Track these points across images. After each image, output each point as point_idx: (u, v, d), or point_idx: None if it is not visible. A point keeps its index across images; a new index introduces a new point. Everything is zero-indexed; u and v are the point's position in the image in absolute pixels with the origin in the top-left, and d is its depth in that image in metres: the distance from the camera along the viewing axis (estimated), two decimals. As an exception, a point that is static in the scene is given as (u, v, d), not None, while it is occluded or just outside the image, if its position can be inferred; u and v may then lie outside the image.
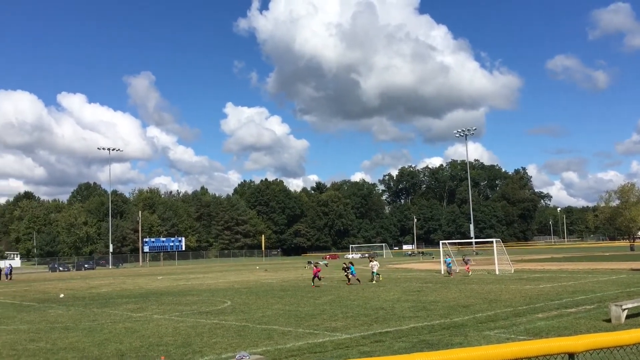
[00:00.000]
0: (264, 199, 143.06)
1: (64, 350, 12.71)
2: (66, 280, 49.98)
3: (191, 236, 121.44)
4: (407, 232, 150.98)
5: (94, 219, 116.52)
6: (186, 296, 27.06)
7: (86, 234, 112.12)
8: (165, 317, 18.59)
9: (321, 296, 24.40)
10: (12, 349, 13.18)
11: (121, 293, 30.97)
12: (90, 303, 24.90)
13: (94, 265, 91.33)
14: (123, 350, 12.46)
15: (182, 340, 13.67)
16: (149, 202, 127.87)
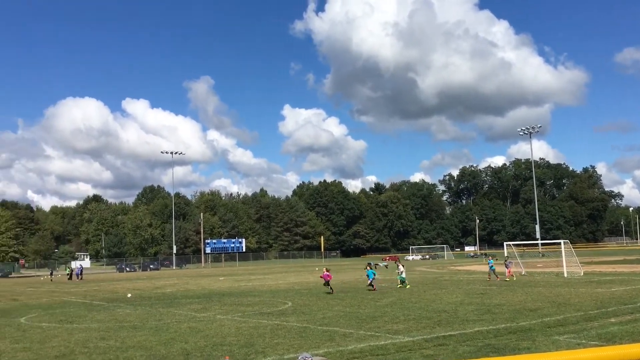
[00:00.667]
0: (323, 201, 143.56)
1: (133, 349, 13.08)
2: (133, 281, 51.68)
3: (251, 237, 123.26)
4: (469, 233, 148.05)
5: (158, 221, 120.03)
6: (248, 297, 27.42)
7: (151, 236, 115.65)
8: (228, 317, 18.87)
9: (382, 298, 24.20)
10: (84, 346, 13.68)
11: (185, 293, 31.71)
12: (156, 303, 25.60)
13: (159, 266, 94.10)
14: (188, 350, 12.71)
15: (245, 340, 13.82)
16: (210, 204, 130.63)
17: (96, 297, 30.82)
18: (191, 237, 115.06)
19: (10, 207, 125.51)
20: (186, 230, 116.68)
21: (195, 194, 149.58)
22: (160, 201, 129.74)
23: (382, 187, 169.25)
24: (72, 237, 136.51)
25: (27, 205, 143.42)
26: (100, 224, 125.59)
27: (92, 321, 19.16)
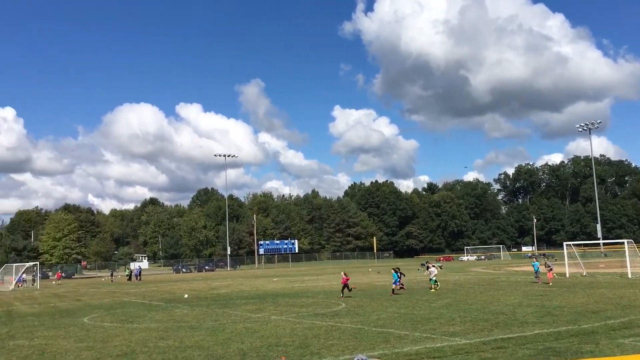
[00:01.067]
0: (375, 201, 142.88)
1: (191, 349, 13.35)
2: (189, 281, 52.79)
3: (304, 238, 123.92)
4: (526, 233, 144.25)
5: (213, 223, 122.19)
6: (301, 298, 27.56)
7: (205, 237, 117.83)
8: (283, 318, 19.01)
9: (436, 300, 23.86)
10: (144, 345, 14.05)
11: (240, 294, 32.15)
12: (212, 303, 26.05)
13: (214, 267, 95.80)
14: (245, 350, 12.87)
15: (300, 341, 13.88)
16: (263, 206, 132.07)
17: (154, 298, 31.62)
18: (244, 239, 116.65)
19: (73, 210, 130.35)
20: (239, 231, 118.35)
21: (248, 196, 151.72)
22: (214, 203, 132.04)
23: (434, 187, 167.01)
24: (130, 239, 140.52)
25: (88, 208, 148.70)
26: (157, 226, 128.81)
27: (152, 321, 19.66)
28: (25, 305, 30.69)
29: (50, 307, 28.51)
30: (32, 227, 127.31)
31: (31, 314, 24.61)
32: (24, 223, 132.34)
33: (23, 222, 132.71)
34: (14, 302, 33.91)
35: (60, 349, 14.06)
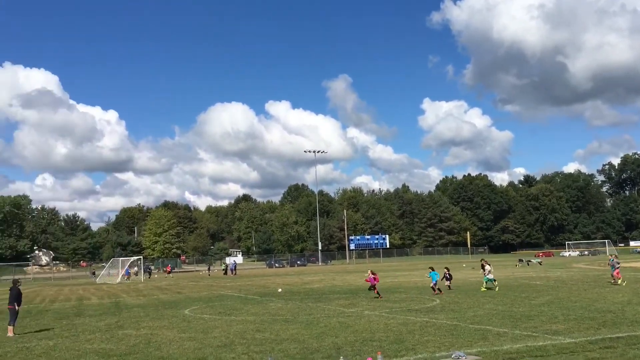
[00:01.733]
0: (468, 195, 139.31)
1: (287, 341, 13.56)
2: (282, 276, 53.86)
3: (395, 233, 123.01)
4: (634, 226, 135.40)
5: (304, 218, 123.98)
6: (394, 293, 27.33)
7: (297, 233, 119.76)
8: (376, 313, 18.91)
9: (537, 296, 22.87)
10: (242, 337, 14.44)
11: (332, 289, 32.37)
12: (306, 298, 26.39)
13: (305, 262, 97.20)
14: (339, 344, 12.90)
15: (394, 336, 13.73)
16: (353, 201, 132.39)
17: (250, 292, 32.50)
18: (335, 234, 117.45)
19: (171, 207, 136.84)
20: (330, 227, 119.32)
21: (338, 192, 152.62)
22: (305, 199, 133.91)
23: (532, 179, 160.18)
24: (225, 235, 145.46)
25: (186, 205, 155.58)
26: (250, 222, 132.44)
27: (248, 314, 20.19)
28: (131, 297, 32.52)
29: (154, 299, 30.02)
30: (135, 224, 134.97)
31: (137, 305, 26.03)
32: (127, 219, 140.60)
33: (127, 219, 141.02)
34: (121, 294, 36.03)
35: (165, 339, 14.74)
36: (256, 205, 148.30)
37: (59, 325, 19.01)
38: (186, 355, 12.22)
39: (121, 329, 17.41)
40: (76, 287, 46.96)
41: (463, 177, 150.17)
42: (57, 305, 28.71)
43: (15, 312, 17.13)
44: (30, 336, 16.48)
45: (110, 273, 58.28)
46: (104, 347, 13.84)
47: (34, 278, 73.60)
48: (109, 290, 40.92)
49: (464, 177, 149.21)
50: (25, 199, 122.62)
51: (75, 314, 23.07)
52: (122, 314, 22.08)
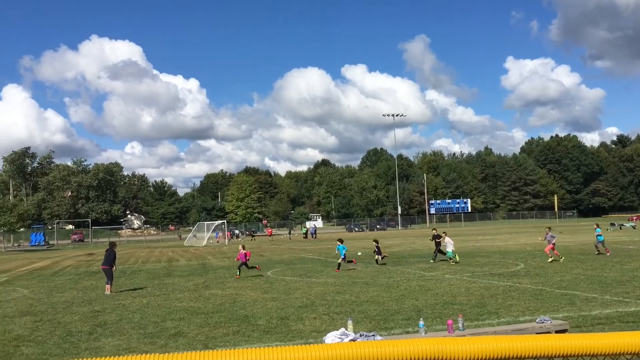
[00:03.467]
0: (555, 157, 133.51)
1: (367, 303, 13.68)
2: (361, 240, 54.15)
3: (477, 197, 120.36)
4: None
5: (383, 183, 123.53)
6: (476, 257, 26.86)
7: (376, 197, 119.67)
8: (457, 277, 18.67)
9: (630, 261, 21.79)
10: (323, 299, 14.70)
11: (412, 252, 32.24)
12: (385, 261, 26.42)
13: (385, 226, 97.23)
14: (419, 307, 12.86)
15: (476, 300, 13.52)
16: (433, 165, 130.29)
17: (330, 255, 32.92)
18: (415, 198, 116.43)
19: (252, 173, 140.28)
20: (410, 191, 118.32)
21: (417, 155, 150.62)
22: (384, 163, 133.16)
23: (626, 140, 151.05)
24: (305, 199, 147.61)
25: (266, 170, 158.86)
26: (330, 186, 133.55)
27: (328, 276, 20.51)
28: (216, 259, 33.83)
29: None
30: (219, 189, 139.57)
31: (222, 267, 27.05)
32: (211, 185, 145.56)
33: (211, 185, 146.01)
34: (207, 256, 37.55)
35: (249, 299, 15.26)
36: (335, 170, 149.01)
37: (151, 285, 20.10)
38: (269, 315, 12.60)
39: (208, 288, 18.17)
40: (166, 250, 49.40)
41: (550, 138, 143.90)
42: (149, 266, 30.34)
43: (110, 272, 18.22)
44: (126, 294, 17.54)
45: (197, 236, 60.81)
46: (192, 305, 14.52)
47: (127, 240, 78.09)
48: (195, 252, 42.74)
49: (551, 139, 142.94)
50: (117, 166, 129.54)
51: (165, 274, 24.31)
52: (208, 275, 23.03)
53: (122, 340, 10.51)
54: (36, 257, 46.68)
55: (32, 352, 9.86)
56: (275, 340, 10.07)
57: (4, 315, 14.20)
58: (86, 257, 41.41)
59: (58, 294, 18.39)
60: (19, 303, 16.46)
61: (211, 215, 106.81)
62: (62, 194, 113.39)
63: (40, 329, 11.96)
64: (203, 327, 11.47)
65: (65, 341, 10.65)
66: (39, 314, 14.05)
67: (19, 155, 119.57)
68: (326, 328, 10.66)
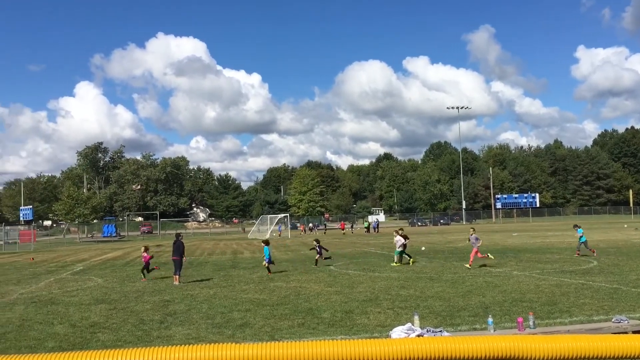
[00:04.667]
0: (631, 150, 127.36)
1: (432, 299, 13.48)
2: (425, 235, 53.51)
3: (545, 192, 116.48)
4: None
5: (447, 177, 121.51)
6: (545, 254, 25.99)
7: (440, 191, 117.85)
8: (525, 273, 18.13)
9: None
10: (387, 293, 14.60)
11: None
12: (450, 257, 26.01)
13: (449, 221, 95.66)
14: (486, 303, 12.56)
15: (547, 298, 13.08)
16: (499, 158, 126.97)
17: (393, 249, 32.70)
18: (480, 192, 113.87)
19: (315, 166, 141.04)
20: (475, 185, 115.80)
21: (483, 148, 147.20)
22: (448, 157, 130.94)
23: None
24: (367, 193, 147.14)
25: (328, 164, 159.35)
26: (392, 180, 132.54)
27: (392, 271, 20.36)
28: (279, 252, 34.23)
29: (301, 254, 31.32)
30: (281, 183, 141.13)
31: (285, 260, 27.36)
32: (274, 179, 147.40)
33: (273, 178, 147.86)
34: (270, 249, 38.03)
35: (313, 292, 15.35)
36: (397, 164, 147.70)
37: (217, 276, 20.57)
38: (333, 308, 12.62)
39: (272, 281, 18.40)
40: (230, 242, 50.48)
41: (625, 130, 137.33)
42: (215, 257, 31.07)
43: (180, 262, 18.77)
44: (193, 285, 18.01)
45: (260, 229, 61.76)
46: (257, 297, 14.74)
47: (193, 233, 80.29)
48: (259, 245, 43.40)
49: (626, 131, 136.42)
50: (184, 160, 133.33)
51: (230, 266, 24.83)
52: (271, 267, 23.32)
53: (192, 330, 10.80)
54: (108, 247, 48.76)
55: (107, 338, 10.28)
56: (340, 333, 10.07)
57: (80, 302, 14.88)
58: (155, 249, 42.85)
59: (130, 283, 19.10)
60: (94, 291, 17.21)
61: (274, 209, 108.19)
62: (132, 187, 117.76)
63: (115, 317, 12.45)
64: (269, 319, 11.62)
65: (138, 329, 11.05)
66: (112, 302, 14.65)
67: (92, 149, 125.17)
68: (391, 323, 10.58)
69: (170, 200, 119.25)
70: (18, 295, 16.94)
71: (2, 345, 9.98)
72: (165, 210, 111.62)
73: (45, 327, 11.57)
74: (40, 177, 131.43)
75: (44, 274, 23.96)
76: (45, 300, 15.41)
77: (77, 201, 71.55)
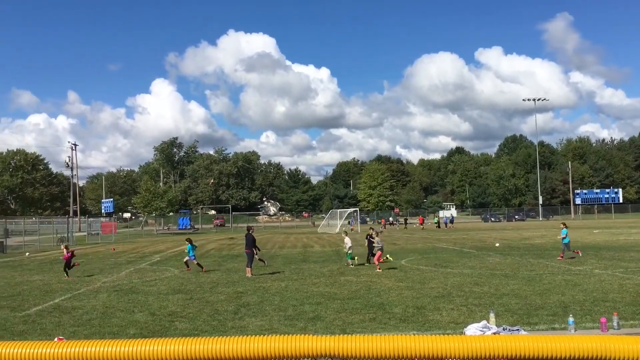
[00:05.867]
0: None
1: (507, 296, 13.08)
2: (498, 230, 52.09)
3: (629, 187, 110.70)
4: None
5: (522, 171, 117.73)
6: (630, 252, 24.69)
7: (514, 186, 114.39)
8: (608, 272, 17.28)
9: None
10: (460, 290, 14.29)
11: (555, 245, 30.29)
12: (525, 253, 25.19)
13: (524, 217, 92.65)
14: (566, 302, 12.06)
15: (631, 298, 12.43)
16: (579, 152, 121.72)
17: (465, 245, 32.04)
18: (558, 188, 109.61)
19: (384, 161, 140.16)
20: (552, 180, 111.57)
21: (561, 142, 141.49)
22: (523, 151, 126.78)
23: None
24: (438, 188, 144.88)
25: (398, 159, 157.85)
26: (464, 175, 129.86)
27: (464, 267, 19.92)
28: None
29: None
30: (351, 177, 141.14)
31: (355, 254, 27.28)
32: (343, 173, 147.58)
33: (343, 173, 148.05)
34: (340, 243, 38.09)
35: (384, 287, 15.25)
36: (470, 158, 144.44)
37: (288, 269, 20.82)
38: (405, 303, 12.49)
39: (342, 275, 18.43)
40: (300, 236, 50.99)
41: None
42: (285, 251, 31.48)
43: (252, 255, 19.13)
44: (265, 277, 18.31)
45: (330, 223, 62.04)
46: (328, 291, 14.80)
47: (264, 226, 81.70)
48: (329, 239, 43.63)
49: None
50: (255, 155, 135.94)
51: (301, 260, 25.07)
52: (342, 262, 23.35)
53: (265, 321, 10.97)
54: (184, 239, 50.33)
55: (184, 327, 10.61)
56: (412, 329, 9.95)
57: (159, 292, 15.44)
58: (228, 241, 43.91)
59: (204, 274, 19.65)
60: (171, 282, 17.82)
61: (343, 203, 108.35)
62: (206, 181, 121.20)
63: (191, 307, 12.84)
64: (340, 313, 11.64)
65: (213, 319, 11.34)
66: (189, 293, 15.11)
67: (168, 145, 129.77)
68: (465, 320, 10.36)
69: (242, 194, 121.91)
70: (101, 283, 17.79)
71: (88, 330, 10.50)
72: (237, 203, 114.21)
73: (127, 314, 12.08)
74: (120, 172, 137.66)
75: (124, 264, 25.07)
76: (126, 289, 16.10)
77: (154, 194, 74.39)
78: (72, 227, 49.91)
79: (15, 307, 13.42)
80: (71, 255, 20.12)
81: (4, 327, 10.98)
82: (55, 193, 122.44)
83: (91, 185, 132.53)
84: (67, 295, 15.19)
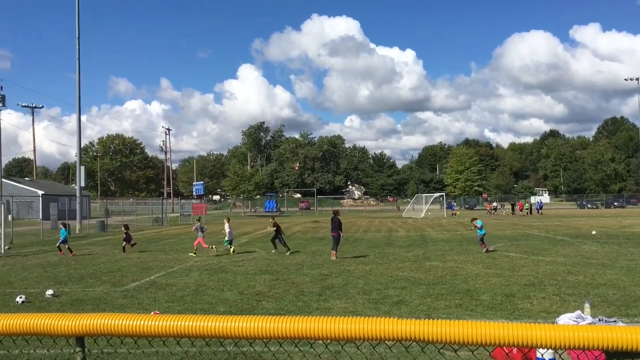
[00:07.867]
0: None
1: (604, 286, 12.43)
2: (595, 218, 49.53)
3: None
4: None
5: (623, 155, 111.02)
6: None
7: (614, 171, 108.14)
8: None
9: None
10: (552, 278, 13.72)
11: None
12: (625, 242, 23.81)
13: (624, 204, 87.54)
14: (670, 295, 11.30)
15: None
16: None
17: (558, 232, 30.71)
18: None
19: (472, 144, 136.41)
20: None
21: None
22: (624, 134, 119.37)
23: None
24: (530, 173, 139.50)
25: (487, 142, 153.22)
26: (558, 159, 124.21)
27: (557, 255, 19.10)
28: (435, 231, 33.77)
29: (457, 234, 30.64)
30: (437, 161, 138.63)
31: (441, 240, 26.91)
32: (429, 157, 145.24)
33: (429, 157, 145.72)
34: (426, 227, 37.67)
35: (470, 273, 14.92)
36: (565, 142, 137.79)
37: (373, 253, 20.81)
38: (493, 290, 12.16)
39: (428, 260, 18.20)
40: (385, 220, 50.81)
41: None
42: (370, 235, 31.48)
43: (338, 238, 19.28)
44: (350, 260, 18.41)
45: (415, 208, 61.38)
46: (413, 276, 14.67)
47: (349, 210, 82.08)
48: (414, 224, 43.20)
49: None
50: (340, 139, 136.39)
51: (385, 244, 24.98)
52: (427, 247, 23.08)
53: (349, 304, 11.05)
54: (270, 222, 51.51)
55: (271, 307, 10.88)
56: (500, 317, 9.67)
57: (246, 272, 15.92)
58: (313, 224, 44.51)
59: (290, 256, 20.03)
60: (258, 262, 18.31)
61: (429, 188, 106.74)
62: (292, 165, 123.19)
63: (277, 287, 13.14)
64: (425, 298, 11.51)
65: (299, 300, 11.55)
66: (275, 274, 15.47)
67: (255, 129, 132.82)
68: (557, 309, 9.95)
69: (327, 177, 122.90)
70: (193, 262, 18.58)
71: (181, 307, 11.01)
72: (321, 187, 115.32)
73: (217, 292, 12.55)
74: (210, 155, 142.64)
75: (214, 244, 25.99)
76: (216, 269, 16.72)
77: (242, 178, 76.56)
78: (166, 209, 52.37)
79: (116, 283, 14.30)
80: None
81: (106, 301, 11.74)
82: (151, 176, 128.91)
83: (183, 168, 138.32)
84: (162, 273, 15.99)
